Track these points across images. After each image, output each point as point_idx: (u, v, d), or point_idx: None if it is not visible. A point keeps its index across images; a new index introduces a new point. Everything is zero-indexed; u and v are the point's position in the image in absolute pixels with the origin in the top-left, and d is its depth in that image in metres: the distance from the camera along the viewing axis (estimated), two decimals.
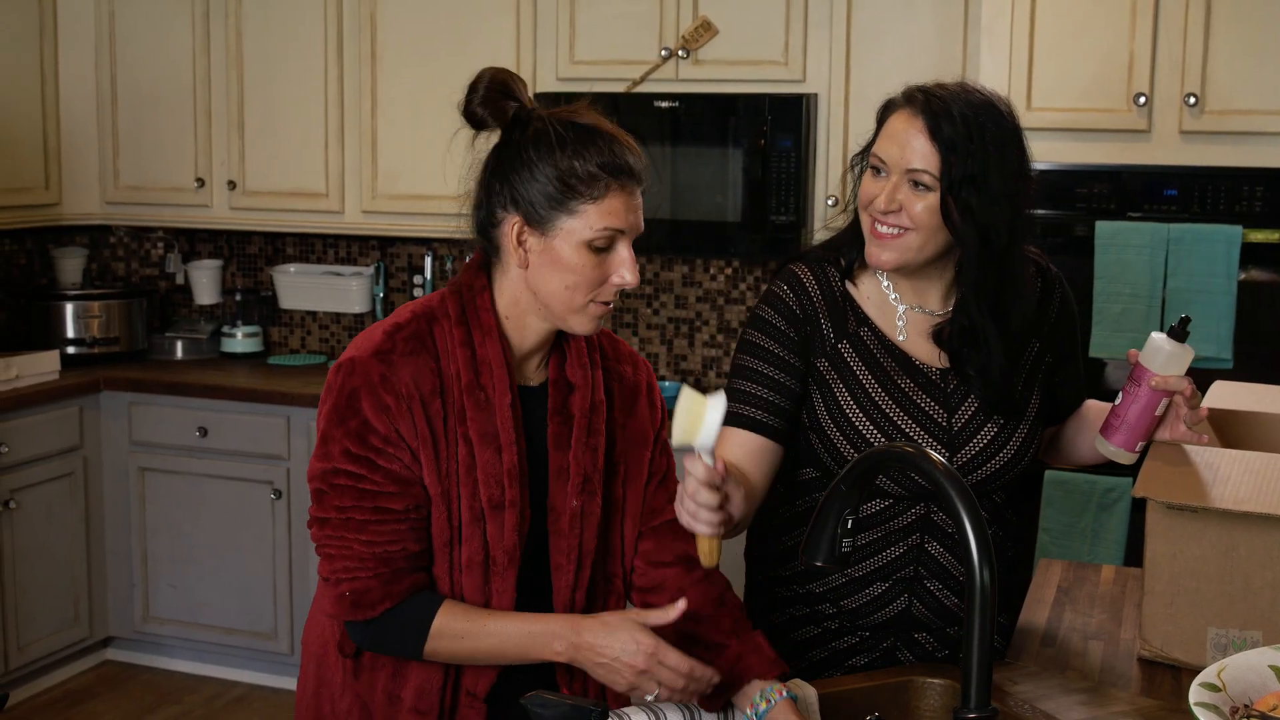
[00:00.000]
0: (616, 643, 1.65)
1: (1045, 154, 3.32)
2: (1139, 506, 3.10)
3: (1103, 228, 3.22)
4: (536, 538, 1.79)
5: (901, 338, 1.99)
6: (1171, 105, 3.22)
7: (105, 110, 4.60)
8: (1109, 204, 3.26)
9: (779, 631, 2.06)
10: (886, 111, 1.94)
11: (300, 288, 4.71)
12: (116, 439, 4.39)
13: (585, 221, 1.69)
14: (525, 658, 1.72)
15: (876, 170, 1.91)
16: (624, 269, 1.72)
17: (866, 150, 1.95)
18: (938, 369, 1.97)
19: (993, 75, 3.33)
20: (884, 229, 1.90)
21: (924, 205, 1.87)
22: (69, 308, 4.58)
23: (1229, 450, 1.89)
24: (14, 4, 4.35)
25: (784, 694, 1.72)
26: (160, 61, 4.52)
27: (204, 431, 4.27)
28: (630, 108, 3.90)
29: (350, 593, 1.69)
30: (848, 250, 2.00)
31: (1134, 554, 3.17)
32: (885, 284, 2.00)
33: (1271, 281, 3.19)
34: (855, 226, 1.98)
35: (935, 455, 1.45)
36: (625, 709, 1.63)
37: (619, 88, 3.96)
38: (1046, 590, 2.24)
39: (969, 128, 1.85)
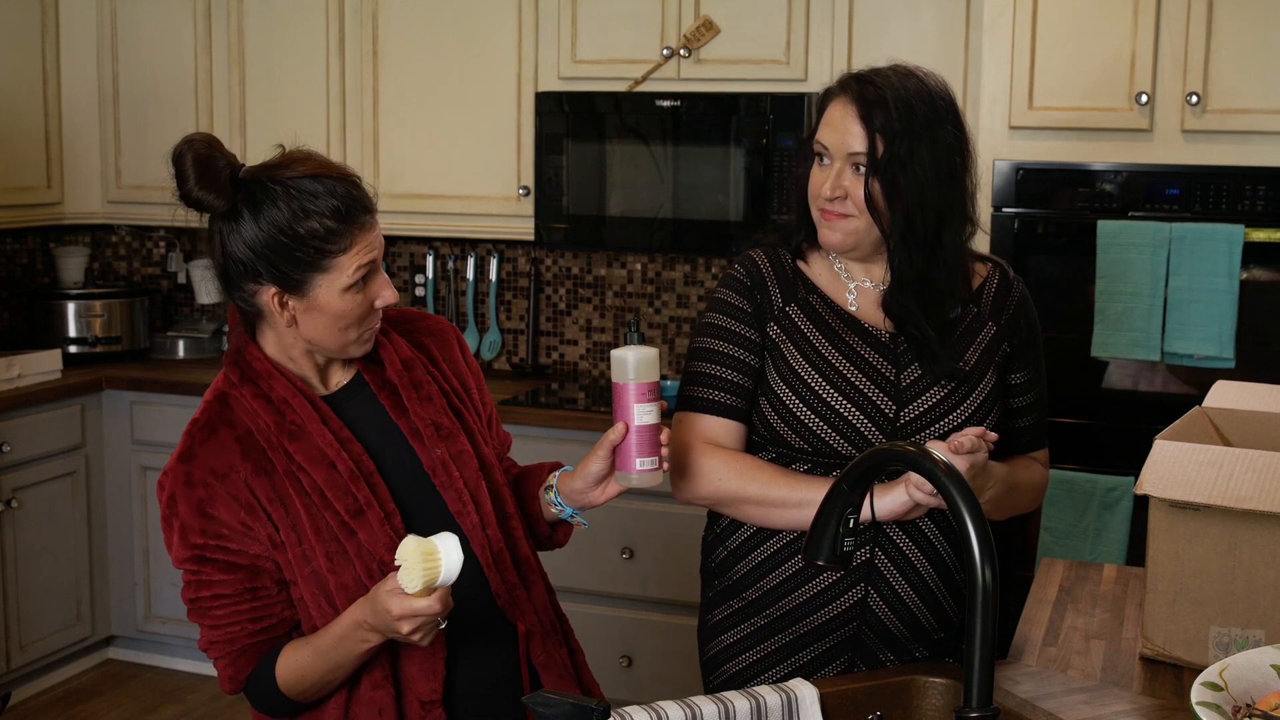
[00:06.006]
0: (379, 617, 1.68)
1: (1047, 153, 3.32)
2: (1141, 505, 3.12)
3: (1104, 227, 3.21)
4: (437, 507, 1.85)
5: (853, 307, 2.04)
6: (1173, 104, 3.21)
7: (107, 109, 4.60)
8: (1111, 203, 3.26)
9: (740, 647, 2.08)
10: (826, 99, 2.00)
11: None
12: (118, 438, 4.39)
13: (340, 271, 1.75)
14: (356, 659, 1.77)
15: (820, 158, 1.99)
16: (384, 291, 1.80)
17: (810, 137, 2.01)
18: (887, 332, 2.02)
19: (994, 74, 3.33)
20: (832, 213, 1.97)
21: (865, 189, 1.94)
22: (71, 307, 4.58)
23: (1232, 448, 1.88)
24: (15, 3, 4.35)
25: (559, 471, 1.95)
26: (162, 60, 4.52)
27: None
28: (632, 107, 3.90)
29: (218, 671, 1.84)
30: (796, 234, 2.07)
31: (1136, 553, 3.17)
32: (838, 265, 2.06)
33: (1273, 281, 3.19)
34: (804, 215, 2.04)
35: (936, 453, 1.44)
36: (626, 708, 1.63)
37: (620, 87, 3.96)
38: (1048, 589, 2.24)
39: (900, 110, 1.91)
